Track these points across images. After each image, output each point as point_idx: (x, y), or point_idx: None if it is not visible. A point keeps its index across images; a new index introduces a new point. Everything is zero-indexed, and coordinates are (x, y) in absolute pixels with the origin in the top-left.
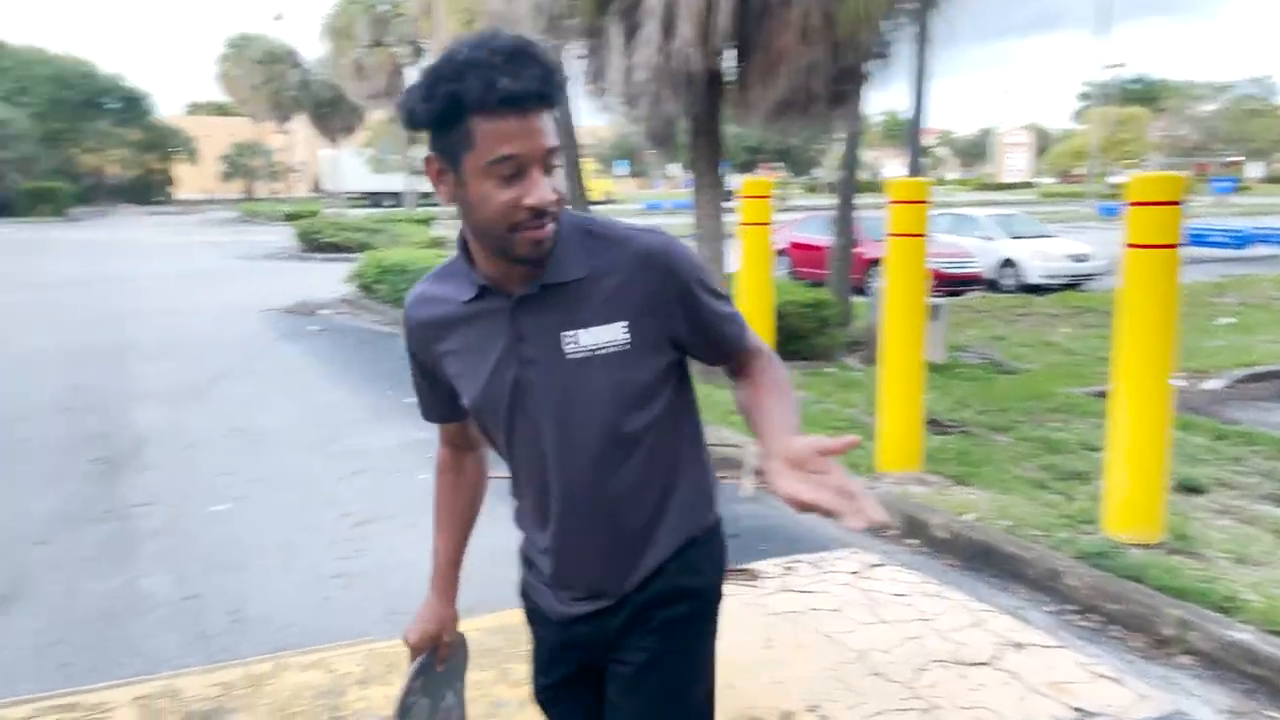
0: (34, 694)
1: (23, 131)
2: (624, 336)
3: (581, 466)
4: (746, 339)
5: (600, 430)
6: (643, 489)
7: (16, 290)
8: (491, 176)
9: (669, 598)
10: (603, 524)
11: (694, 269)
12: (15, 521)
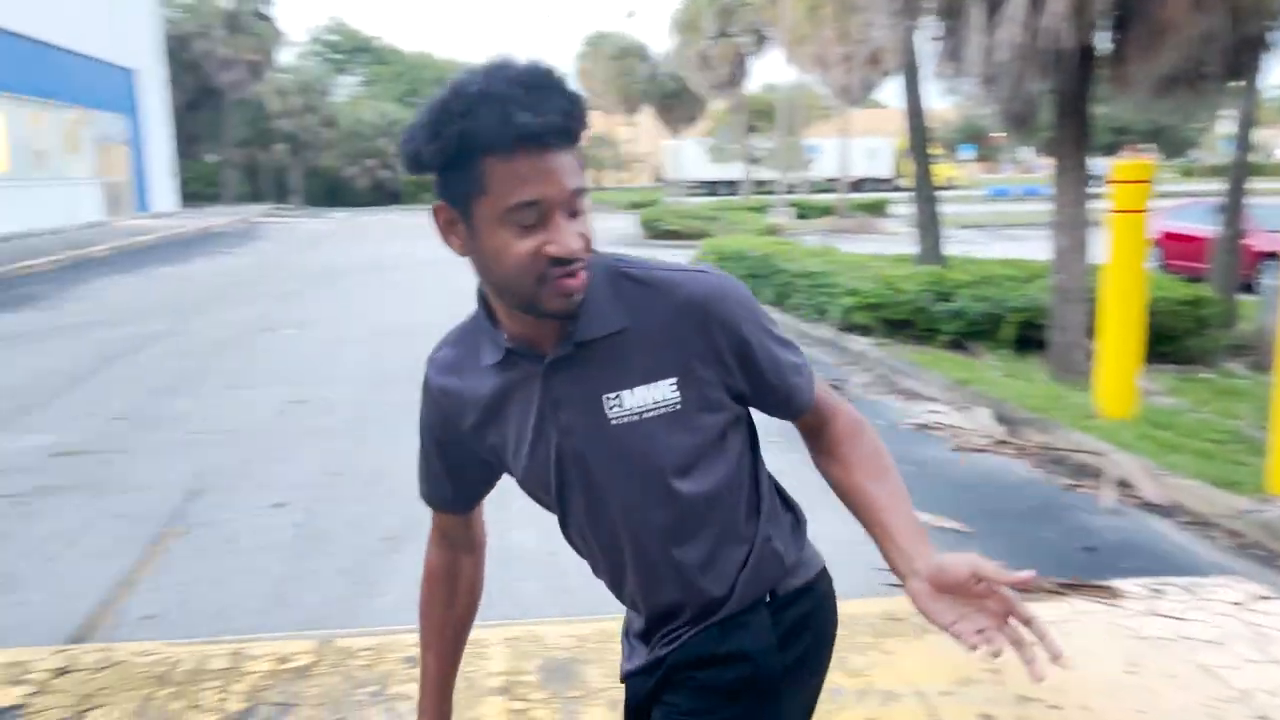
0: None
1: None
2: (674, 395)
3: (649, 542)
4: (817, 394)
5: (660, 500)
6: (721, 557)
7: (408, 269)
8: (509, 225)
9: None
10: (687, 597)
11: (752, 313)
12: (412, 472)
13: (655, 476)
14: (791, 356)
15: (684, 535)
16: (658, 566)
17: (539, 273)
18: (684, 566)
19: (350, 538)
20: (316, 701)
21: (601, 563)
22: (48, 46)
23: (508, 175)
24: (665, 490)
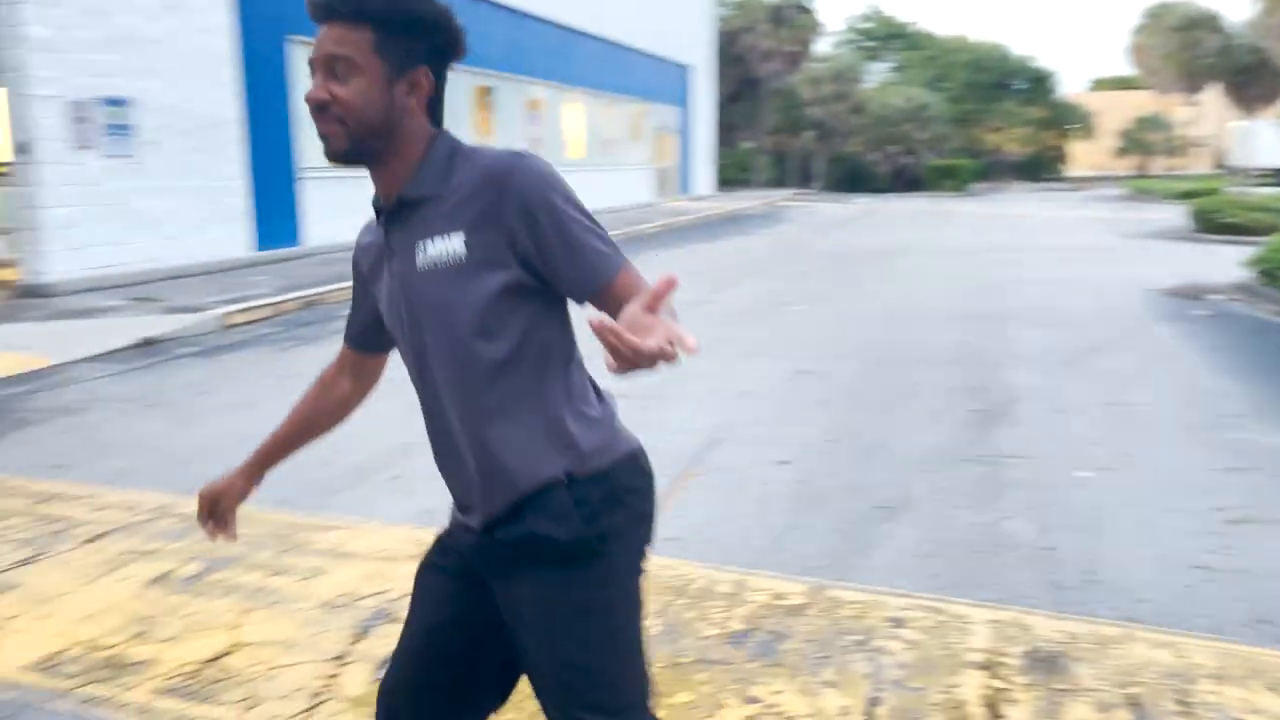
0: (908, 591)
1: (938, 113)
2: (462, 249)
3: (442, 386)
4: (605, 280)
5: (450, 348)
6: (500, 419)
7: (918, 255)
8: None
9: (524, 545)
10: (463, 448)
11: (551, 190)
12: (906, 448)
13: (448, 327)
14: (587, 239)
15: (476, 396)
16: (460, 431)
17: (313, 119)
18: (480, 440)
19: (845, 501)
20: (806, 637)
21: (428, 428)
22: (622, 48)
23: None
24: (455, 339)
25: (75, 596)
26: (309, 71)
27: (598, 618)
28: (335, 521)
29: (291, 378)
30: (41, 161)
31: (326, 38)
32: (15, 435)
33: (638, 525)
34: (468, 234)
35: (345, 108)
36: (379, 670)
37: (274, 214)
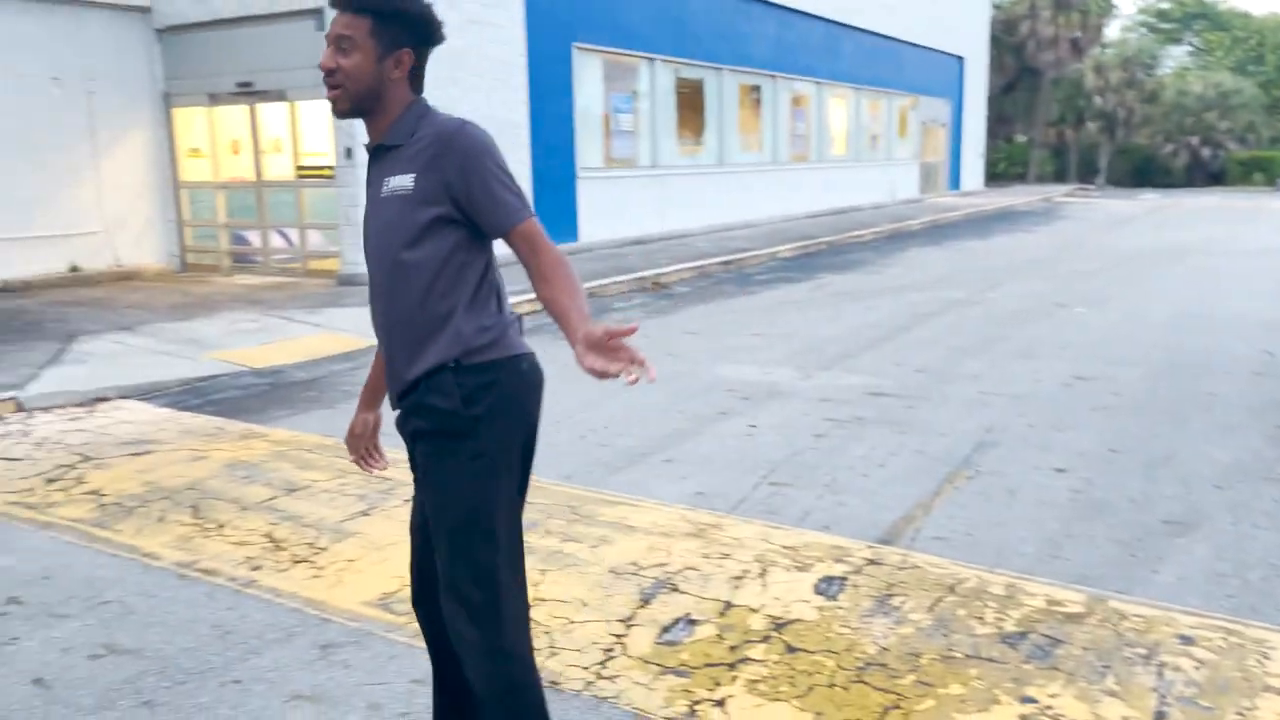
0: (1200, 610)
1: (1247, 100)
2: (410, 184)
3: (381, 286)
4: (513, 224)
5: (389, 255)
6: (414, 311)
7: (1216, 255)
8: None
9: (419, 410)
10: (392, 321)
11: (479, 149)
12: (1196, 462)
13: (389, 237)
14: (504, 194)
15: (396, 286)
16: (389, 309)
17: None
18: (404, 323)
19: (1129, 513)
20: (1084, 645)
21: (373, 321)
22: (891, 41)
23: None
24: (391, 247)
25: (402, 546)
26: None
27: (462, 487)
28: (616, 497)
29: (570, 365)
30: (361, 165)
31: (339, 21)
32: (343, 406)
33: (510, 418)
34: (417, 175)
35: (346, 75)
36: (663, 634)
37: (553, 212)
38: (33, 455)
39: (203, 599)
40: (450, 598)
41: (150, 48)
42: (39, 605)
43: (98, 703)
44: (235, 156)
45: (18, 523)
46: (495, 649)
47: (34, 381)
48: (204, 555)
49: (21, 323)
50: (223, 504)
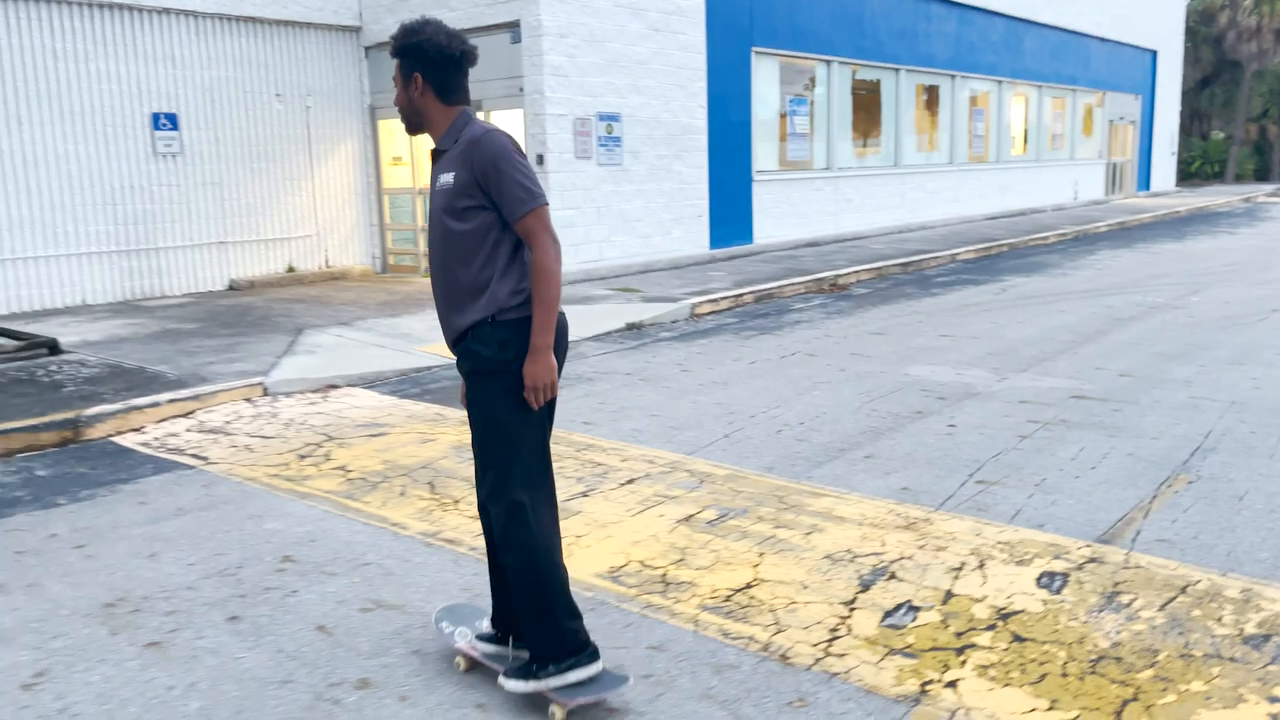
0: None
1: None
2: (451, 180)
3: (436, 259)
4: (519, 214)
5: (440, 235)
6: (459, 276)
7: None
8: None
9: (467, 354)
10: (442, 286)
11: (496, 154)
12: None
13: (441, 215)
14: (516, 190)
15: (447, 253)
16: (440, 276)
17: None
18: (451, 287)
19: None
20: None
21: (432, 286)
22: (1076, 36)
23: None
24: (442, 221)
25: (623, 525)
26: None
27: (496, 412)
28: (821, 489)
29: (757, 362)
30: (551, 171)
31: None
32: None
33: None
34: (456, 172)
35: (396, 104)
36: (886, 618)
37: (729, 215)
38: (283, 434)
39: (449, 565)
40: (488, 496)
41: (359, 64)
42: (310, 563)
43: (374, 649)
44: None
45: (279, 492)
46: (519, 542)
47: (275, 369)
48: (445, 527)
49: (254, 317)
50: (455, 482)
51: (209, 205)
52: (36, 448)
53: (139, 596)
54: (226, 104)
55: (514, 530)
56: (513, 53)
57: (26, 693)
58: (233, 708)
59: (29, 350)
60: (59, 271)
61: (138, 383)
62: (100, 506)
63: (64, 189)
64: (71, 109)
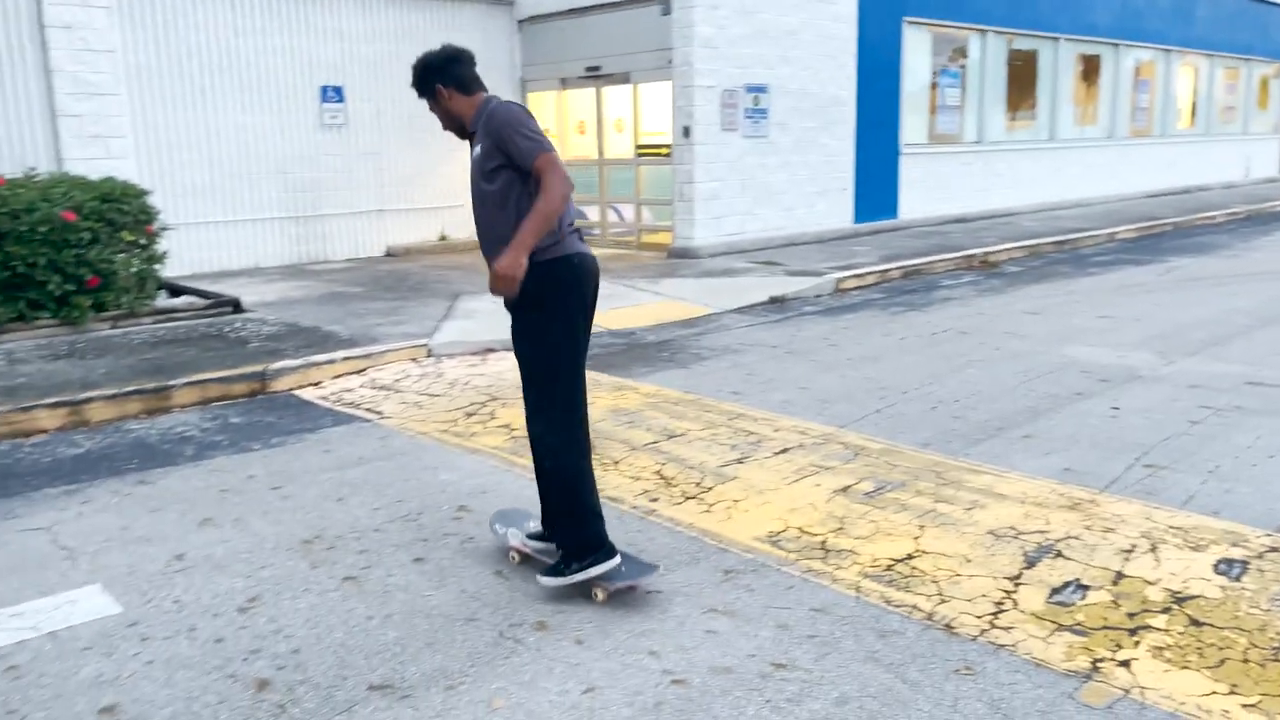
0: None
1: None
2: (479, 151)
3: (478, 213)
4: (530, 160)
5: (477, 188)
6: (495, 225)
7: None
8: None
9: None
10: (483, 235)
11: (506, 122)
12: None
13: (478, 177)
14: (522, 143)
15: (483, 206)
16: (482, 229)
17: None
18: (489, 234)
19: None
20: None
21: (477, 231)
22: (1256, 1)
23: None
24: (478, 182)
25: (780, 493)
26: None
27: (537, 336)
28: (980, 467)
29: (907, 338)
30: (696, 143)
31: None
32: (697, 367)
33: (568, 294)
34: (481, 143)
35: (444, 127)
36: (1054, 595)
37: (874, 188)
38: (449, 393)
39: (614, 521)
40: (531, 411)
41: (511, 37)
42: (484, 513)
43: (548, 595)
44: (581, 136)
45: (449, 447)
46: (550, 445)
47: (437, 333)
48: (607, 485)
49: (413, 282)
50: (614, 444)
51: (369, 174)
52: (229, 397)
53: (333, 535)
54: (387, 77)
55: (550, 439)
56: (662, 25)
57: (243, 615)
58: (424, 639)
59: (215, 308)
60: (236, 236)
61: (314, 341)
62: (290, 452)
63: (241, 159)
64: (249, 82)
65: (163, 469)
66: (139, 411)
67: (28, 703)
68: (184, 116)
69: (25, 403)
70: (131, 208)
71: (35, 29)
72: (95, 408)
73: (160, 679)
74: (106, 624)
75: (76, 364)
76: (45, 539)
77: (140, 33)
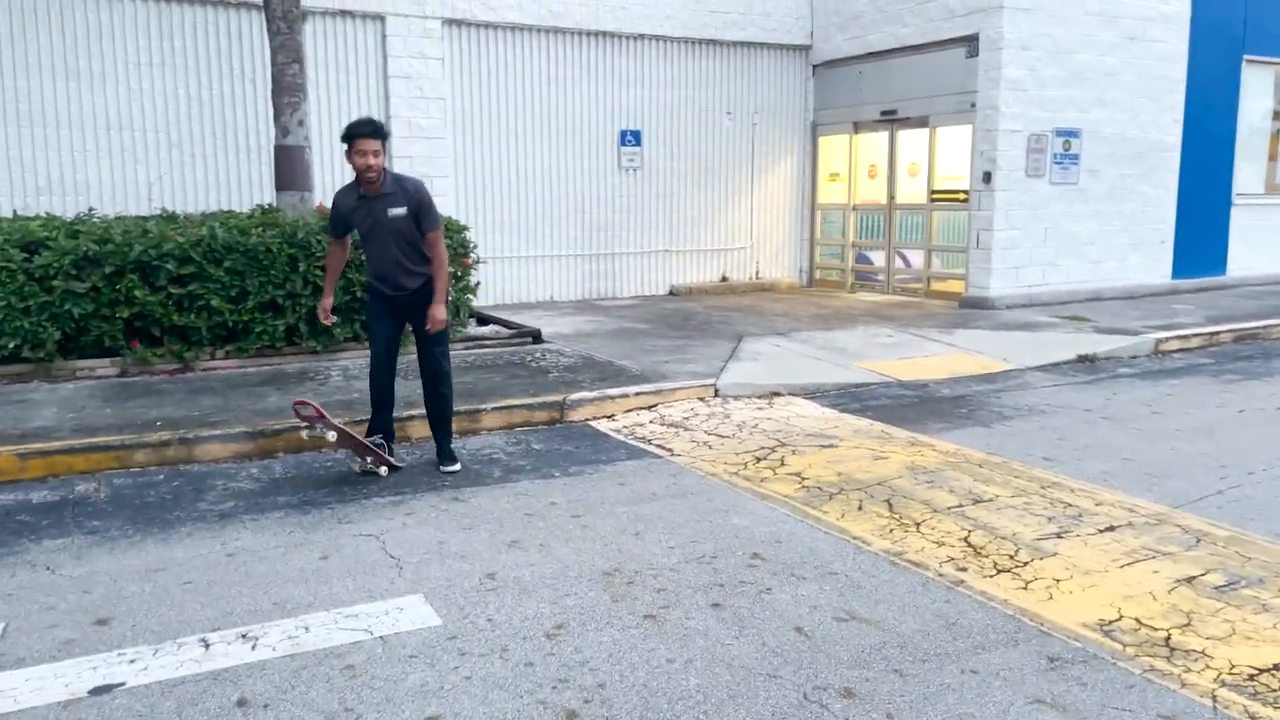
0: None
1: None
2: (403, 213)
3: (391, 253)
4: (431, 238)
5: (395, 241)
6: (408, 264)
7: None
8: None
9: (418, 293)
10: (397, 272)
11: (427, 198)
12: None
13: (396, 238)
14: (430, 220)
15: (400, 253)
16: (393, 268)
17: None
18: (401, 273)
19: None
20: None
21: (379, 262)
22: None
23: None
24: (398, 237)
25: (1110, 576)
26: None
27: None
28: None
29: (1247, 411)
30: (998, 189)
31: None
32: (999, 427)
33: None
34: (407, 208)
35: (374, 172)
36: None
37: (1198, 241)
38: (738, 434)
39: (918, 588)
40: (442, 357)
41: (805, 82)
42: (778, 564)
43: (854, 660)
44: (871, 180)
45: (739, 490)
46: (446, 371)
47: (724, 373)
48: (908, 549)
49: (697, 322)
50: (914, 504)
51: (659, 216)
52: (530, 424)
53: (631, 570)
54: (683, 121)
55: (446, 367)
56: (966, 67)
57: (550, 641)
58: (726, 691)
59: (518, 338)
60: (536, 271)
61: (607, 374)
62: (588, 482)
63: (545, 198)
64: (556, 127)
65: (473, 488)
66: (453, 431)
67: (361, 703)
68: (497, 158)
69: (359, 417)
70: (452, 242)
71: (380, 80)
72: (415, 425)
73: (478, 695)
74: (429, 635)
75: (400, 383)
76: (375, 546)
77: (466, 81)
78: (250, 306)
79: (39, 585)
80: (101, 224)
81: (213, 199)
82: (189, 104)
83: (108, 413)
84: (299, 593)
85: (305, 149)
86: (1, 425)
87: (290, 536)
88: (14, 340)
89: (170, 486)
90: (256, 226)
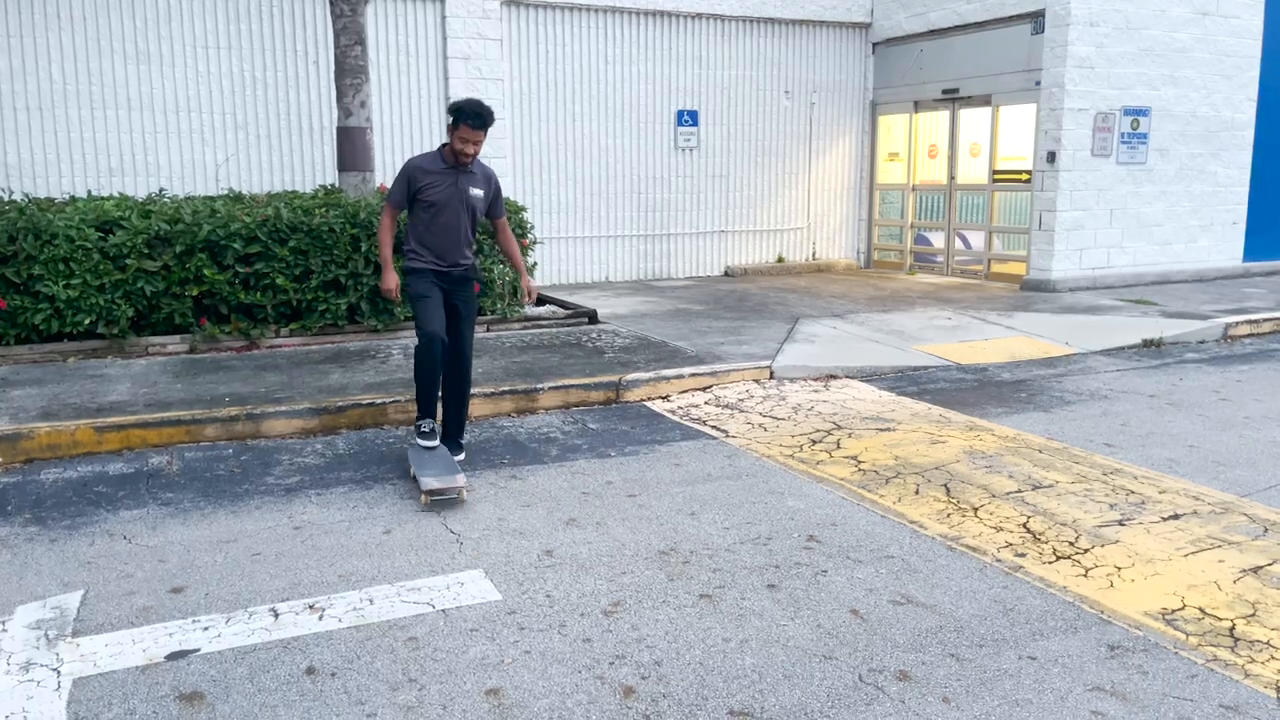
0: None
1: None
2: (482, 194)
3: (462, 227)
4: (498, 218)
5: (470, 217)
6: (470, 241)
7: None
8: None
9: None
10: (461, 246)
11: (499, 187)
12: None
13: (470, 215)
14: (500, 206)
15: (469, 236)
16: (458, 242)
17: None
18: (465, 247)
19: None
20: None
21: (439, 241)
22: None
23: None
24: (471, 220)
25: (1173, 564)
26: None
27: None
28: None
29: None
30: (1062, 170)
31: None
32: (1060, 411)
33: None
34: (484, 190)
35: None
36: None
37: (1272, 222)
38: (793, 417)
39: (975, 573)
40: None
41: (865, 60)
42: (834, 546)
43: (909, 643)
44: (931, 160)
45: (794, 472)
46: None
47: (779, 355)
48: (965, 534)
49: (752, 303)
50: (971, 488)
51: (715, 196)
52: (586, 404)
53: (686, 550)
54: (740, 101)
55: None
56: (1031, 44)
57: (607, 618)
58: (781, 671)
59: (574, 319)
60: (591, 251)
61: (663, 355)
62: (643, 462)
63: (601, 179)
64: (613, 107)
65: (530, 466)
66: (510, 410)
67: (424, 674)
68: (554, 139)
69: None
70: (511, 222)
71: (440, 61)
72: (475, 404)
73: (537, 669)
74: (489, 609)
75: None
76: (437, 521)
77: (524, 62)
78: (314, 285)
79: (117, 554)
80: (172, 204)
81: (277, 179)
82: (254, 86)
83: (178, 388)
84: (363, 566)
85: (367, 130)
86: (79, 399)
87: (354, 511)
88: (90, 317)
89: (239, 461)
90: (320, 207)
